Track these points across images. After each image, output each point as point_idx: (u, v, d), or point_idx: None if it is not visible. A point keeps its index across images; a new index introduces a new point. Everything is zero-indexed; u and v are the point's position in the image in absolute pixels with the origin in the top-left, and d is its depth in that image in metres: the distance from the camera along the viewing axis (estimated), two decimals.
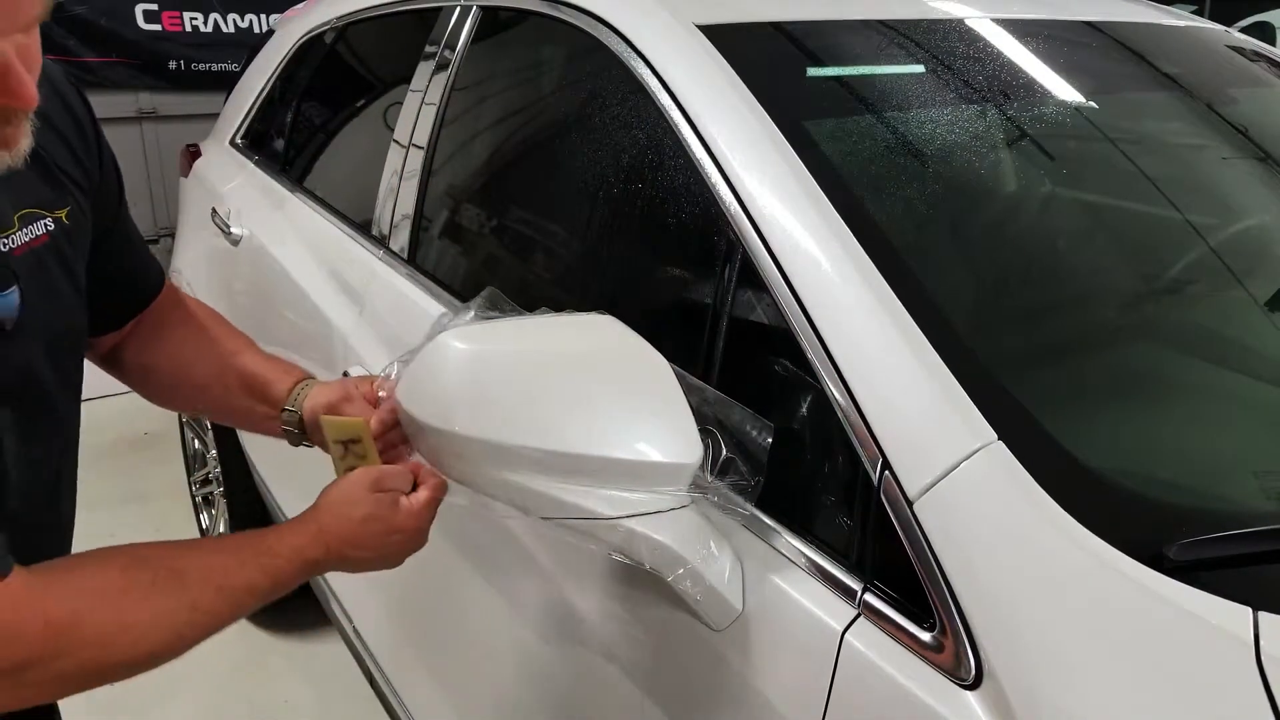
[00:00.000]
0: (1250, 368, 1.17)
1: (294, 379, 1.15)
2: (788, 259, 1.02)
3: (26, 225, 0.92)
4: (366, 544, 0.98)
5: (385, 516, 0.97)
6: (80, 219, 0.99)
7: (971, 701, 0.78)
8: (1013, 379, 0.97)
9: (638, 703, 1.09)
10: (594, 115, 1.44)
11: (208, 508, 2.84)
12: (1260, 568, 0.81)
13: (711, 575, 0.92)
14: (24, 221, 0.92)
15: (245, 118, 2.68)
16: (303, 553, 0.95)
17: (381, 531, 0.97)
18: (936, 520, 0.84)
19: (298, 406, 1.13)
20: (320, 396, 1.12)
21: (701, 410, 0.97)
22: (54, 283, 0.95)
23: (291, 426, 1.14)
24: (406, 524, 0.98)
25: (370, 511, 0.97)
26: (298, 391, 1.14)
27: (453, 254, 1.71)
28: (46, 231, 0.94)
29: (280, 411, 1.14)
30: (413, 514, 0.98)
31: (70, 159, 0.98)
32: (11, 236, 0.90)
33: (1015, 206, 1.33)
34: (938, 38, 1.41)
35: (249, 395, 1.16)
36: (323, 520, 0.97)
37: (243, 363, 1.17)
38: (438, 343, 0.92)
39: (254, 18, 4.81)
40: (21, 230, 0.91)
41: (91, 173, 1.01)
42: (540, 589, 1.25)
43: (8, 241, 0.89)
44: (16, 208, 0.91)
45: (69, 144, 0.98)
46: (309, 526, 0.96)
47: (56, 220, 0.95)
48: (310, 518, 0.97)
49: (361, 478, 0.99)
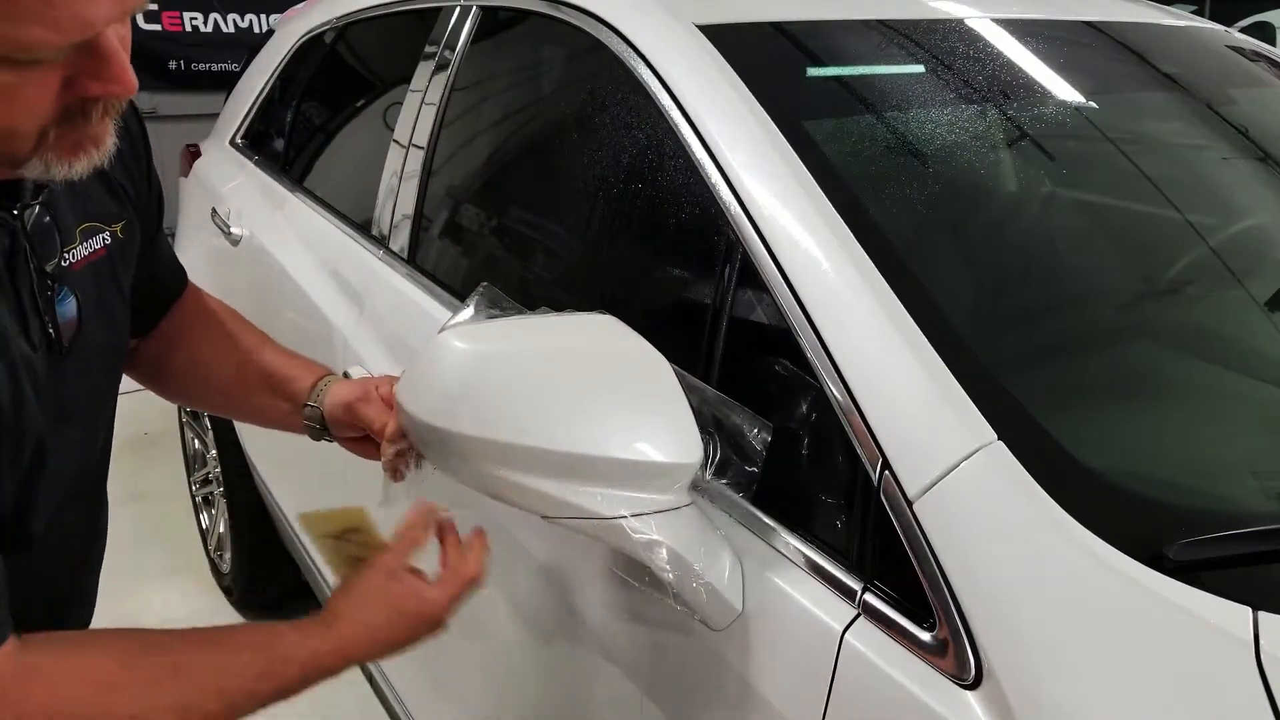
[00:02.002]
0: (1250, 368, 1.17)
1: (315, 376, 1.16)
2: (788, 259, 1.02)
3: (87, 239, 0.90)
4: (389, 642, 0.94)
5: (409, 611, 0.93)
6: (132, 233, 0.98)
7: (971, 701, 0.78)
8: (1012, 379, 0.97)
9: (637, 702, 1.09)
10: (594, 115, 1.44)
11: (208, 508, 2.84)
12: (1260, 568, 0.82)
13: (711, 575, 0.91)
14: (84, 235, 0.90)
15: (245, 118, 2.68)
16: (320, 662, 0.90)
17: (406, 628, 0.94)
18: (936, 520, 0.84)
19: (319, 403, 1.13)
20: (341, 395, 1.13)
21: (701, 410, 0.97)
22: (107, 297, 0.94)
23: (314, 423, 1.14)
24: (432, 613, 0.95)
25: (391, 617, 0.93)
26: (319, 388, 1.14)
27: (453, 254, 1.71)
28: (104, 245, 0.93)
29: (302, 408, 1.14)
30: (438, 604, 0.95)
31: (125, 173, 0.98)
32: (73, 251, 0.88)
33: (1015, 206, 1.33)
34: (938, 38, 1.41)
35: (270, 393, 1.16)
36: (343, 632, 0.92)
37: (262, 361, 1.17)
38: (438, 342, 0.92)
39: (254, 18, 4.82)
40: (82, 244, 0.90)
41: (141, 188, 1.01)
42: (540, 589, 1.25)
43: (69, 256, 0.88)
44: (79, 221, 0.89)
45: (124, 158, 0.97)
46: (329, 638, 0.91)
47: (113, 234, 0.94)
48: (329, 627, 0.92)
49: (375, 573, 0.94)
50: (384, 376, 1.15)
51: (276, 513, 2.30)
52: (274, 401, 1.16)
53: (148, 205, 1.03)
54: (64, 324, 0.86)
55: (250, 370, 1.17)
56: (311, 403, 1.14)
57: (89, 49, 0.68)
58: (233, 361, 1.17)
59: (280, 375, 1.16)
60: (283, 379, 1.16)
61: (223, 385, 1.18)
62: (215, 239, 2.44)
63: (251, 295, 2.24)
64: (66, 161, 0.74)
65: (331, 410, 1.13)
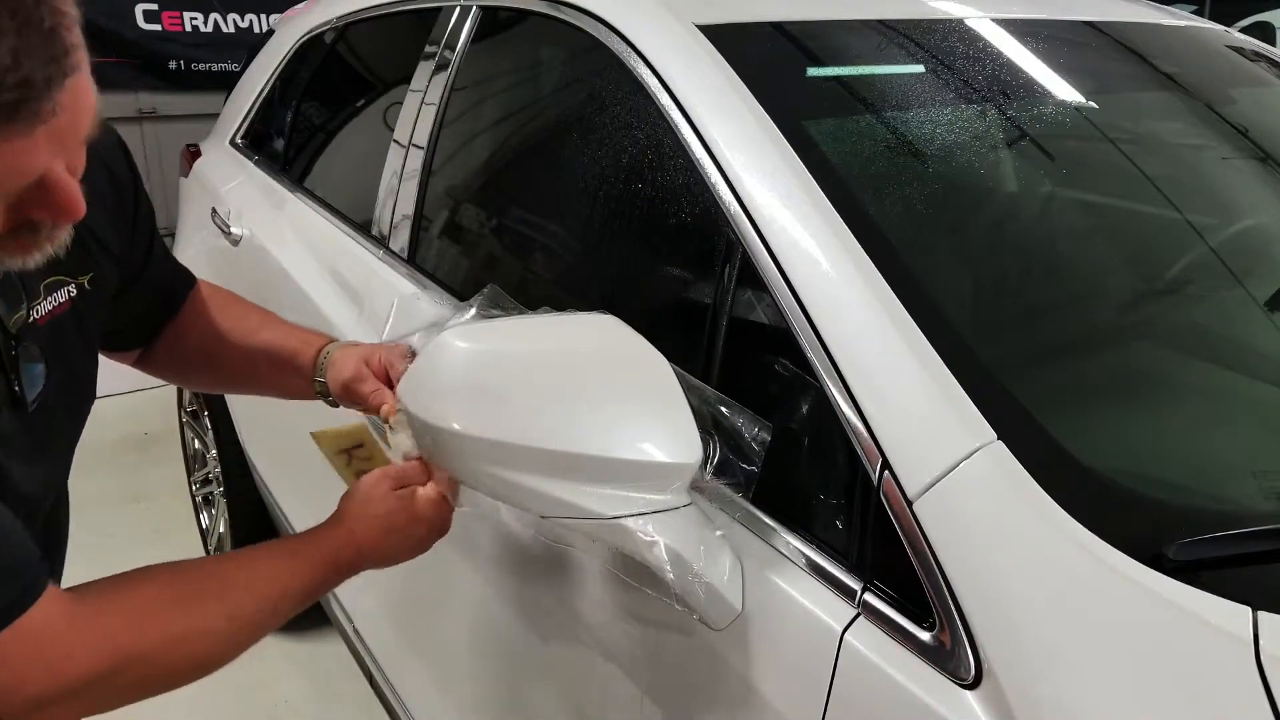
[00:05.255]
0: (1250, 368, 1.17)
1: (315, 348, 1.20)
2: (788, 259, 1.02)
3: (51, 294, 0.92)
4: (394, 538, 1.01)
5: (407, 509, 1.00)
6: (102, 283, 1.00)
7: (971, 701, 0.79)
8: (1012, 379, 0.97)
9: (637, 702, 1.09)
10: (594, 115, 1.44)
11: (208, 508, 2.84)
12: (1260, 568, 0.82)
13: (711, 575, 0.92)
14: (48, 290, 0.92)
15: (245, 118, 2.68)
16: (335, 555, 0.97)
17: (406, 523, 1.00)
18: (936, 520, 0.84)
19: (325, 376, 1.18)
20: (339, 374, 1.16)
21: (701, 410, 0.97)
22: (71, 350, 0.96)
23: (325, 395, 1.19)
24: (428, 511, 1.01)
25: (392, 507, 1.00)
26: (321, 360, 1.18)
27: (453, 254, 1.71)
28: (69, 298, 0.95)
29: (312, 382, 1.18)
30: (432, 501, 1.01)
31: (105, 223, 0.99)
32: (37, 307, 0.90)
33: (1015, 206, 1.34)
34: (938, 38, 1.41)
35: (278, 370, 1.21)
36: (349, 524, 0.99)
37: (265, 340, 1.21)
38: (439, 341, 0.92)
39: (254, 18, 4.81)
40: (46, 300, 0.91)
41: (124, 235, 1.03)
42: (540, 588, 1.25)
43: (34, 312, 0.89)
44: (43, 276, 0.91)
45: (106, 208, 0.98)
46: (337, 531, 0.99)
47: (79, 286, 0.96)
48: (336, 522, 1.00)
49: (378, 480, 1.01)
50: (379, 345, 1.18)
51: (276, 513, 2.30)
52: (284, 378, 1.21)
53: (129, 252, 1.05)
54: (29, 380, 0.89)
55: (256, 352, 1.21)
56: (319, 377, 1.18)
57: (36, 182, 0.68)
58: (239, 347, 1.21)
59: (284, 352, 1.20)
60: (287, 355, 1.20)
61: (235, 370, 1.23)
62: (215, 239, 2.44)
63: (251, 295, 2.21)
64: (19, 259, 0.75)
65: (334, 388, 1.17)
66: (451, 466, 0.95)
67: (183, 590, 0.89)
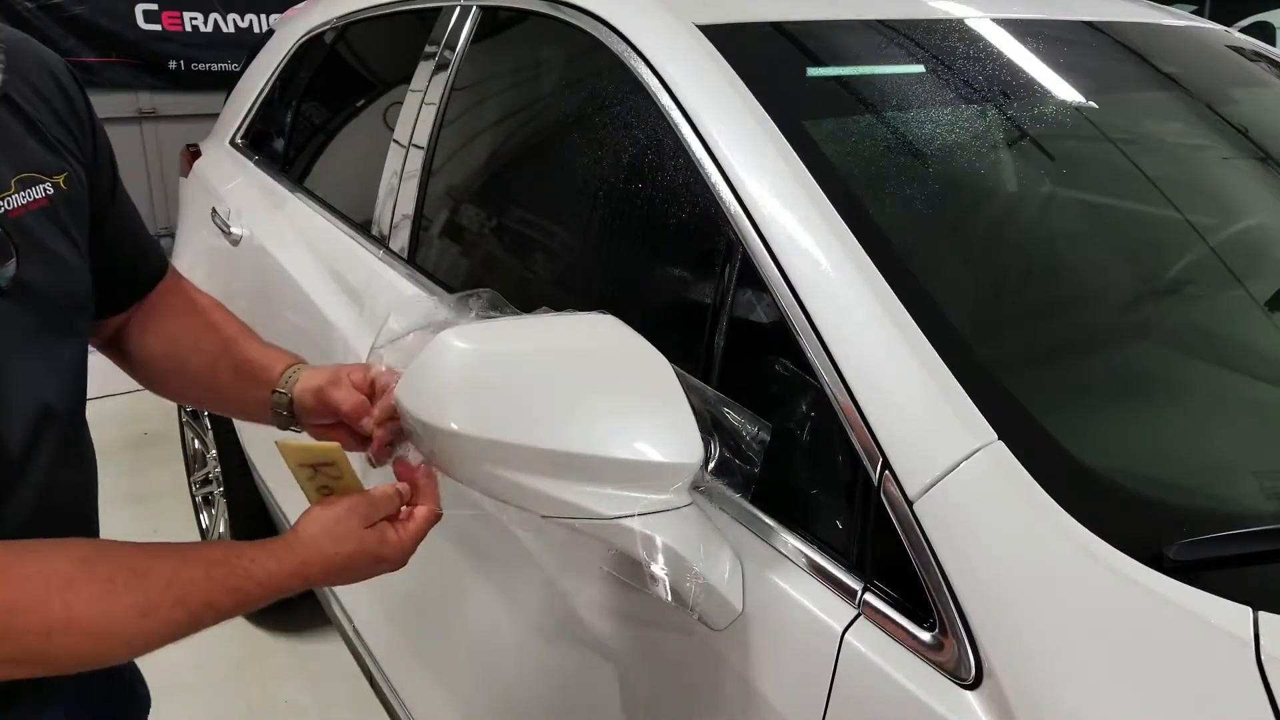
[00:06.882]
0: (1250, 368, 1.17)
1: (285, 364, 1.15)
2: (788, 259, 1.02)
3: (25, 189, 0.92)
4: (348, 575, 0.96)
5: (372, 551, 0.95)
6: (78, 187, 0.99)
7: (971, 701, 0.79)
8: (1013, 379, 0.97)
9: (638, 702, 1.09)
10: (594, 115, 1.44)
11: (208, 508, 2.84)
12: (1260, 568, 0.82)
13: (712, 575, 0.92)
14: (21, 185, 0.92)
15: (245, 118, 2.68)
16: (277, 582, 0.92)
17: (367, 565, 0.95)
18: (936, 520, 0.84)
19: (288, 389, 1.12)
20: (310, 380, 1.11)
21: (701, 410, 0.97)
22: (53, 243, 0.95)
23: (281, 409, 1.13)
24: (393, 556, 0.96)
25: (357, 549, 0.94)
26: (288, 374, 1.13)
27: (453, 254, 1.71)
28: (46, 195, 0.95)
29: (271, 394, 1.12)
30: (400, 548, 0.96)
31: (64, 132, 0.99)
32: (8, 199, 0.90)
33: (1015, 206, 1.33)
34: (938, 38, 1.41)
35: (242, 382, 1.15)
36: (305, 555, 0.93)
37: (238, 350, 1.16)
38: (438, 341, 0.92)
39: (254, 18, 4.81)
40: (19, 193, 0.92)
41: (85, 148, 1.02)
42: (540, 589, 1.25)
43: (4, 204, 0.90)
44: (15, 171, 0.92)
45: (61, 119, 0.99)
46: (289, 559, 0.93)
47: (55, 185, 0.96)
48: (291, 549, 0.94)
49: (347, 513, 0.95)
50: (354, 364, 1.15)
51: (276, 513, 2.30)
52: (246, 391, 1.15)
53: (93, 159, 1.04)
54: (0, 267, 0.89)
55: (225, 360, 1.16)
56: (280, 389, 1.12)
57: None
58: (210, 351, 1.17)
59: (254, 364, 1.15)
60: (255, 368, 1.15)
61: (199, 374, 1.17)
62: (215, 239, 2.44)
63: (251, 295, 2.24)
64: None
65: (301, 396, 1.11)
66: (450, 468, 0.95)
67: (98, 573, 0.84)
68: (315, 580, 0.94)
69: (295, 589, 0.94)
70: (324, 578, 0.95)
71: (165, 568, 0.87)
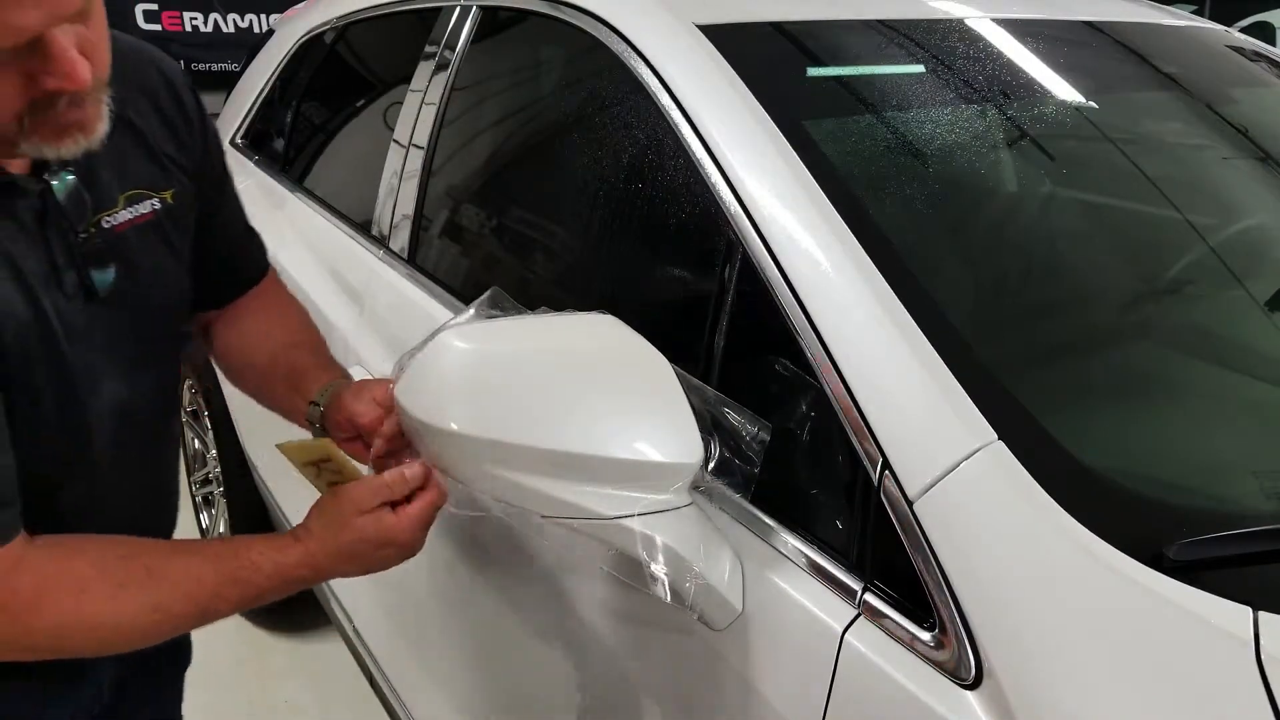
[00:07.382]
0: (1250, 368, 1.17)
1: (329, 376, 1.17)
2: (788, 259, 1.02)
3: (132, 205, 0.98)
4: (357, 562, 0.97)
5: (377, 535, 0.95)
6: (186, 199, 1.05)
7: (971, 701, 0.79)
8: (1013, 379, 0.97)
9: (638, 703, 1.09)
10: (594, 115, 1.44)
11: (208, 508, 2.84)
12: (1260, 568, 0.82)
13: (712, 575, 0.92)
14: (129, 202, 0.98)
15: (245, 118, 2.68)
16: (285, 572, 0.95)
17: (374, 548, 0.96)
18: (936, 520, 0.84)
19: (323, 402, 1.14)
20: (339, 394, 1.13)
21: (701, 410, 0.97)
22: (157, 257, 1.01)
23: (315, 421, 1.14)
24: (398, 537, 0.96)
25: (359, 535, 0.95)
26: (326, 388, 1.15)
27: (453, 254, 1.71)
28: (153, 210, 1.00)
29: (308, 405, 1.14)
30: (404, 527, 0.96)
31: (174, 143, 1.04)
32: (114, 215, 0.96)
33: (1015, 206, 1.34)
34: (938, 38, 1.41)
35: (291, 388, 1.18)
36: (310, 545, 0.96)
37: (294, 356, 1.20)
38: (438, 342, 0.92)
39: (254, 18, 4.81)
40: (126, 209, 0.97)
41: (196, 158, 1.07)
42: (540, 589, 1.25)
43: (110, 220, 0.95)
44: (124, 189, 0.97)
45: (174, 130, 1.04)
46: (294, 549, 0.95)
47: (162, 200, 1.01)
48: (299, 538, 0.96)
49: (351, 500, 0.96)
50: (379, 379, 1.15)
51: (276, 513, 2.30)
52: (295, 400, 1.17)
53: (203, 159, 1.09)
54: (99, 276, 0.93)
55: (281, 363, 1.19)
56: (316, 400, 1.14)
57: (38, 50, 0.74)
58: (272, 351, 1.20)
59: (301, 371, 1.17)
60: (301, 375, 1.17)
61: (260, 373, 1.21)
62: None
63: None
64: (54, 145, 0.81)
65: (330, 410, 1.12)
66: (450, 468, 0.95)
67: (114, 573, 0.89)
68: (324, 569, 0.97)
69: (306, 579, 0.97)
70: (332, 566, 0.97)
71: (177, 565, 0.92)
